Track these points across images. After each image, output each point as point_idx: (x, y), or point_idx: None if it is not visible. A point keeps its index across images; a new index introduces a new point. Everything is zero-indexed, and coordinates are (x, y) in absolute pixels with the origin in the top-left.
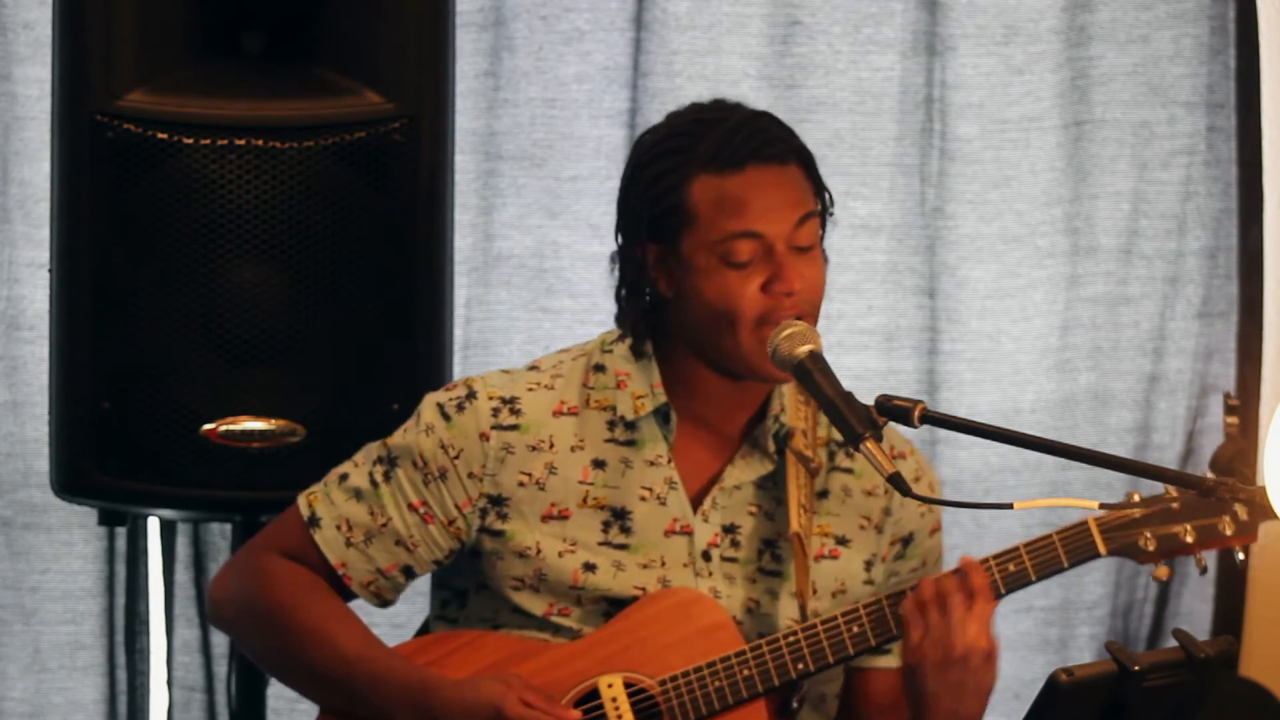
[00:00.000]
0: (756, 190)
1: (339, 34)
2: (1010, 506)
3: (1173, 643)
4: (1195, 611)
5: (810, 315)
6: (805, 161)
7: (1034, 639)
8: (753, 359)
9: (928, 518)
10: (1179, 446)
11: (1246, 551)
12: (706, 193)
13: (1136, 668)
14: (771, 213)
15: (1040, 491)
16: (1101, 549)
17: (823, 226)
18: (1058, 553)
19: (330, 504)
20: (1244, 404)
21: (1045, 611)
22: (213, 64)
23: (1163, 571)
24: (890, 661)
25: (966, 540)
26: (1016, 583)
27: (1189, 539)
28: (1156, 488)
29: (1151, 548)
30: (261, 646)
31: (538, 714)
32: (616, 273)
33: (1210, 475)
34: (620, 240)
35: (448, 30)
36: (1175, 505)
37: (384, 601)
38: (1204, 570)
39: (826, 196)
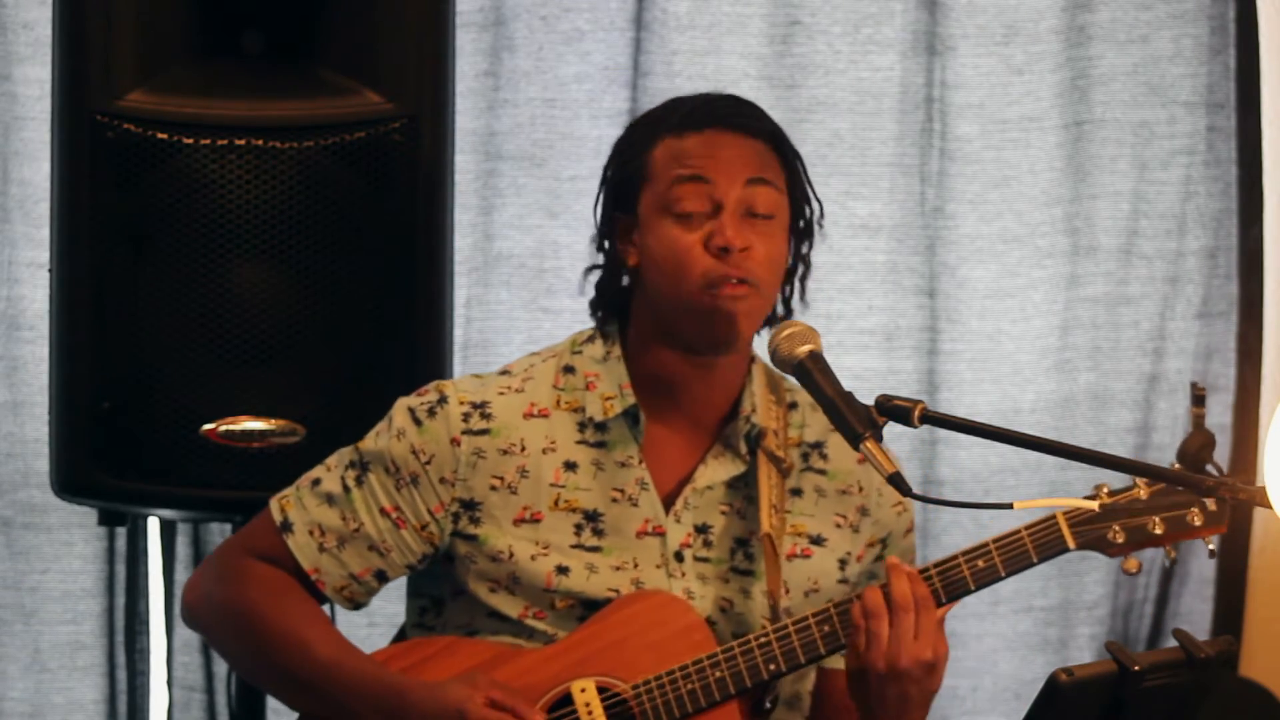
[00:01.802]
0: (711, 147)
1: (339, 34)
2: (1010, 506)
3: (1173, 643)
4: (1195, 611)
5: (759, 286)
6: (779, 147)
7: (1034, 639)
8: (698, 321)
9: (904, 517)
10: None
11: (1221, 540)
12: (665, 152)
13: (1136, 668)
14: (722, 165)
15: (1040, 491)
16: (1070, 543)
17: (809, 233)
18: (1027, 548)
19: (302, 509)
20: (1244, 404)
21: (1045, 611)
22: (213, 64)
23: (1132, 564)
24: None
25: (966, 540)
26: (985, 579)
27: (1158, 530)
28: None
29: (1120, 540)
30: (235, 649)
31: (502, 715)
32: (598, 259)
33: (1177, 466)
34: (597, 224)
35: (448, 30)
36: (1143, 497)
37: (356, 605)
38: (1173, 561)
39: (812, 202)
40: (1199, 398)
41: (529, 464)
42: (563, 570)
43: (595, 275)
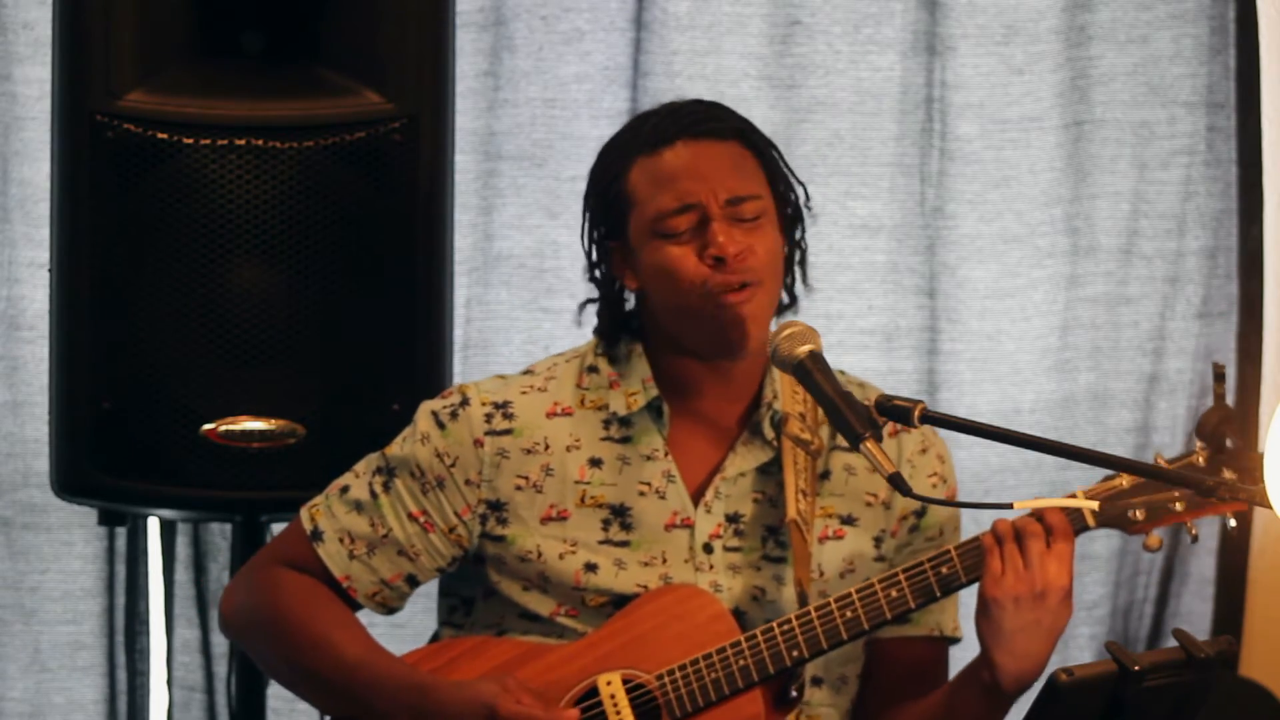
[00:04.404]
0: (684, 162)
1: (339, 34)
2: (1010, 506)
3: (1173, 643)
4: (1195, 611)
5: (759, 285)
6: (750, 142)
7: None
8: (713, 329)
9: (940, 489)
10: (1179, 447)
11: (1239, 518)
12: (642, 174)
13: (1136, 668)
14: (700, 181)
15: (1040, 491)
16: (1090, 521)
17: (800, 219)
18: None
19: (332, 517)
20: (1244, 404)
21: None
22: (213, 64)
23: (1154, 540)
24: (913, 630)
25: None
26: None
27: (1178, 506)
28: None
29: (1141, 516)
30: (268, 655)
31: (531, 711)
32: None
33: (1199, 444)
34: (587, 252)
35: (448, 30)
36: (1158, 465)
37: (390, 610)
38: (1195, 538)
39: (797, 187)
40: (1219, 375)
41: (553, 462)
42: (591, 568)
43: (596, 304)
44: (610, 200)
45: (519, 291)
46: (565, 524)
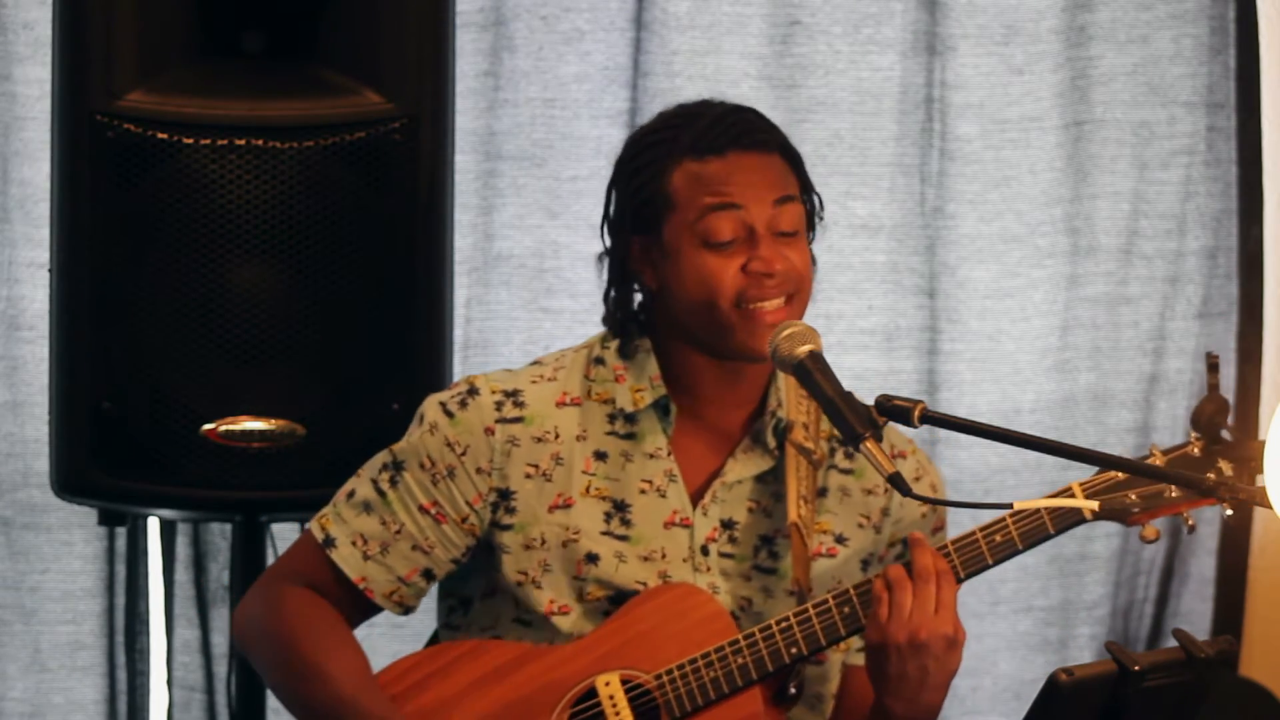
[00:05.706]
0: (737, 172)
1: (339, 34)
2: (1010, 506)
3: (1173, 643)
4: (1195, 611)
5: (796, 300)
6: (789, 155)
7: (1034, 639)
8: (738, 336)
9: (930, 518)
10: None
11: (1237, 508)
12: (687, 178)
13: (1136, 668)
14: (751, 189)
15: (1040, 491)
16: (1088, 513)
17: (810, 228)
18: (1044, 520)
19: (342, 522)
20: (1244, 404)
21: (1045, 611)
22: (213, 64)
23: (1151, 531)
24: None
25: None
26: (1003, 553)
27: (1173, 494)
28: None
29: (1138, 507)
30: (269, 673)
31: None
32: (604, 273)
33: (1193, 434)
34: (606, 239)
35: (448, 30)
36: (1159, 465)
37: (407, 609)
38: (1192, 529)
39: (815, 197)
40: (1213, 366)
41: (563, 451)
42: (592, 558)
43: (609, 290)
44: (646, 198)
45: (519, 291)
46: (570, 512)
